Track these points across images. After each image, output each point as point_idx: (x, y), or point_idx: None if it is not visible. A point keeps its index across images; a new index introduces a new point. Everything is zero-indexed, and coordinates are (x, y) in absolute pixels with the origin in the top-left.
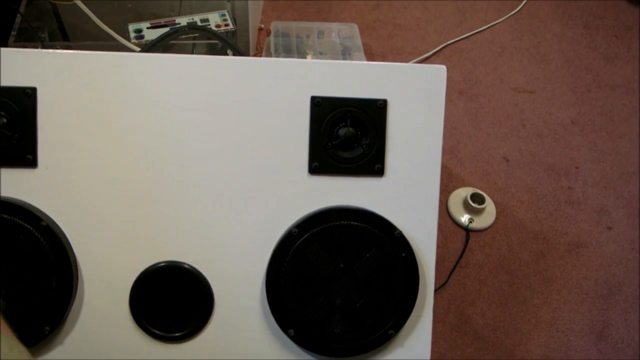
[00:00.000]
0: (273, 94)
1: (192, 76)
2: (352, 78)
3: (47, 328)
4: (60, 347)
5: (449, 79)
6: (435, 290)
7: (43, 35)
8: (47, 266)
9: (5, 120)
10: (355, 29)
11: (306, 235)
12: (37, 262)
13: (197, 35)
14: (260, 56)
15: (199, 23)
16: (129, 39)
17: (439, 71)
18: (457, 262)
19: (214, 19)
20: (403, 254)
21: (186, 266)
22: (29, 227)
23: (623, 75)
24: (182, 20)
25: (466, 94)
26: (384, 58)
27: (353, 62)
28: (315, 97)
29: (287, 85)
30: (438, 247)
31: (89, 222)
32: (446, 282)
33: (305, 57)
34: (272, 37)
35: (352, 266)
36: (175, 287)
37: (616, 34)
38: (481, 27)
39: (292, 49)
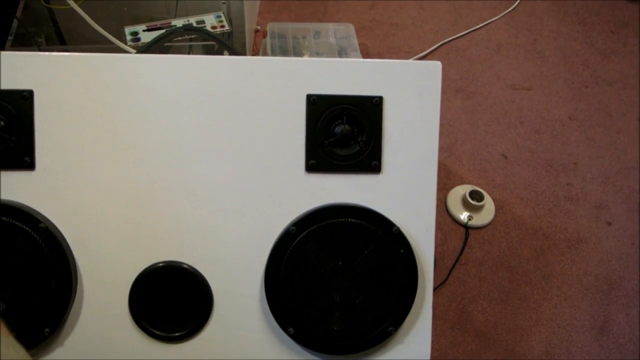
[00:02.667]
0: (269, 92)
1: (189, 76)
2: (347, 75)
3: (47, 329)
4: (61, 349)
5: (445, 77)
6: (436, 288)
7: (40, 40)
8: (46, 268)
9: (2, 123)
10: (351, 29)
11: (304, 233)
12: (37, 263)
13: (193, 37)
14: None
15: (194, 25)
16: (125, 42)
17: (434, 67)
18: (457, 260)
19: (210, 21)
20: (401, 251)
21: (185, 266)
22: (27, 229)
23: (620, 70)
24: (178, 22)
25: (463, 92)
26: (380, 57)
27: (348, 59)
28: (311, 95)
29: (283, 83)
30: (438, 245)
31: (88, 223)
32: (446, 279)
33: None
34: (268, 39)
35: (351, 263)
36: (175, 287)
37: (612, 29)
38: (477, 25)
39: (289, 50)
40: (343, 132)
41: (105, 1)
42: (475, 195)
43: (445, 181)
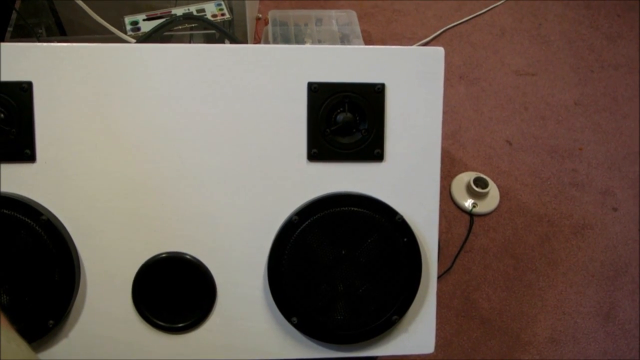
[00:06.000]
0: (269, 81)
1: (189, 65)
2: (349, 63)
3: (51, 322)
4: (65, 340)
5: (449, 64)
6: (440, 276)
7: (40, 31)
8: (49, 260)
9: (2, 115)
10: (353, 15)
11: (307, 223)
12: (39, 256)
13: (194, 25)
14: None
15: (195, 13)
16: (125, 32)
17: (437, 53)
18: (462, 247)
19: (210, 9)
20: (405, 239)
21: (188, 257)
22: (29, 221)
23: (626, 54)
24: (178, 11)
25: (467, 78)
26: (383, 44)
27: (349, 46)
28: (312, 83)
29: (283, 71)
30: (442, 232)
31: (90, 215)
32: (451, 267)
33: None
34: (270, 27)
35: (354, 252)
36: (178, 278)
37: (618, 12)
38: (481, 10)
39: (291, 38)
40: (345, 120)
41: None
42: (480, 182)
43: (450, 168)
